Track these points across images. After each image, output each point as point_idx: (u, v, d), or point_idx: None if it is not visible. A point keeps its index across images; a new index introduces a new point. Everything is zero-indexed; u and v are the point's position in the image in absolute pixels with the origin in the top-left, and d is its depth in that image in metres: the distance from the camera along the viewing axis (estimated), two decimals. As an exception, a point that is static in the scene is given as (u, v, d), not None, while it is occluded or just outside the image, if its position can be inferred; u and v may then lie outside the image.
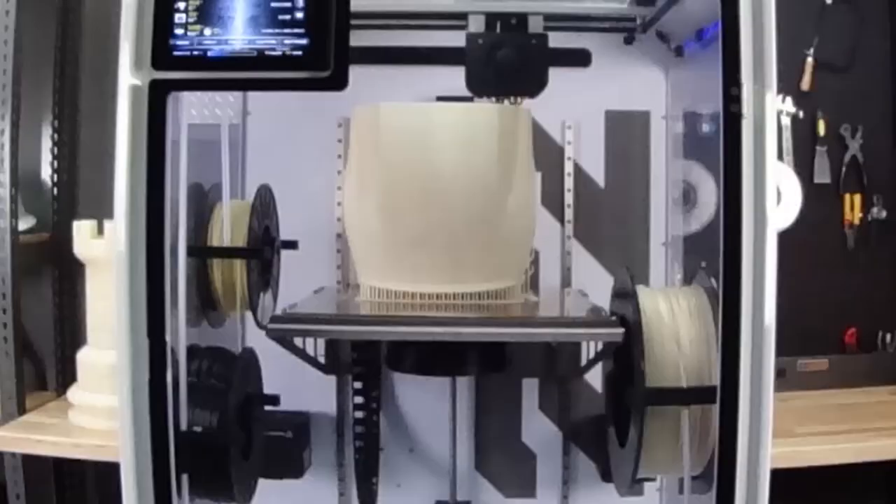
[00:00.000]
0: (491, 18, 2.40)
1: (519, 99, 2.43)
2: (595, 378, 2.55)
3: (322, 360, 2.44)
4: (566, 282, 2.69)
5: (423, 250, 2.26)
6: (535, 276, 2.51)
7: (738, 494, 1.89)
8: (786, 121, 3.15)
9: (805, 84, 3.19)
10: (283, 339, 2.18)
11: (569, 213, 2.71)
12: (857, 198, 3.22)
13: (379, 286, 2.31)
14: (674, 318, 2.12)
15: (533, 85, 2.39)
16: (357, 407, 2.66)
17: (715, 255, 1.94)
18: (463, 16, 2.46)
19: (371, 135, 2.29)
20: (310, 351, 2.35)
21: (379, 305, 2.29)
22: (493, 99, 2.43)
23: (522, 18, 2.39)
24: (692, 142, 2.55)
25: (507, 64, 2.34)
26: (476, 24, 2.39)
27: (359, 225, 2.32)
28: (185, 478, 2.00)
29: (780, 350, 1.91)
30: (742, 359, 1.88)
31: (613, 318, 2.11)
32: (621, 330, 2.05)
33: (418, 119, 2.29)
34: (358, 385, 2.61)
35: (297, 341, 2.26)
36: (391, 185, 2.25)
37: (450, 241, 2.25)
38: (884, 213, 3.21)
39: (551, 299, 2.52)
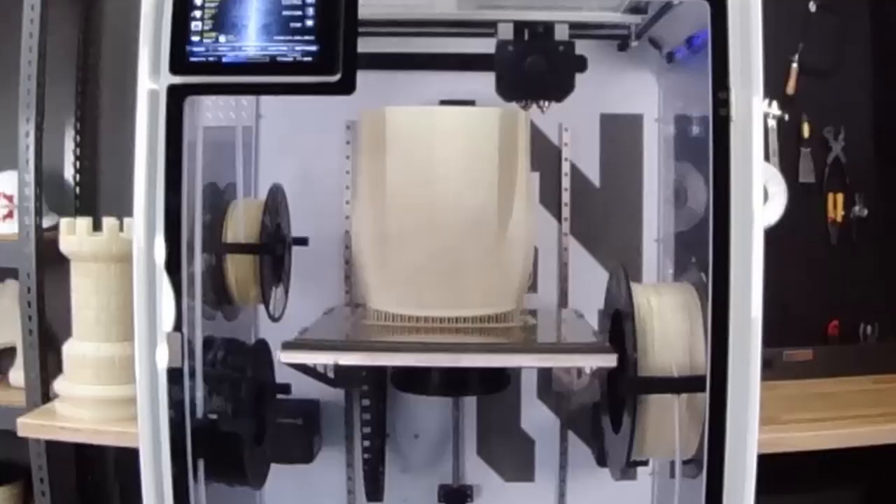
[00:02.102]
0: (519, 27, 2.36)
1: (546, 103, 2.40)
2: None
3: (331, 374, 2.45)
4: (563, 277, 2.69)
5: (427, 275, 2.27)
6: (534, 273, 2.50)
7: (726, 478, 1.90)
8: (772, 123, 3.15)
9: (790, 88, 3.19)
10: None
11: (565, 212, 2.71)
12: (840, 197, 3.22)
13: (385, 310, 2.31)
14: (665, 312, 2.12)
15: (561, 90, 2.34)
16: (365, 423, 2.65)
17: (704, 252, 1.94)
18: (464, 24, 2.46)
19: (377, 136, 2.29)
20: (319, 368, 2.36)
21: (385, 329, 2.30)
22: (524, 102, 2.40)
23: (549, 27, 2.37)
24: (683, 143, 2.54)
25: (536, 70, 2.32)
26: (505, 32, 2.34)
27: (366, 251, 2.32)
28: (201, 463, 2.00)
29: (767, 341, 1.92)
30: (731, 349, 1.89)
31: (607, 344, 2.11)
32: (615, 356, 2.06)
33: (422, 121, 2.29)
34: (366, 402, 2.61)
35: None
36: (396, 199, 2.25)
37: (453, 266, 2.26)
38: (865, 212, 3.21)
39: (549, 321, 2.52)
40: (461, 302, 2.28)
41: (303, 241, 2.55)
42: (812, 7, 3.19)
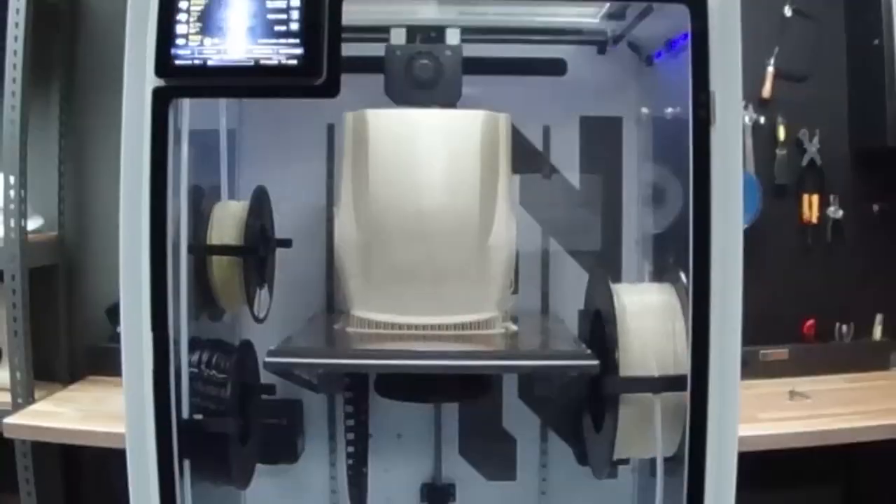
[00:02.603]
0: (412, 31, 2.41)
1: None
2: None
3: (315, 381, 2.43)
4: (543, 278, 2.69)
5: (409, 283, 2.27)
6: (515, 275, 2.49)
7: (708, 476, 1.90)
8: (748, 126, 3.16)
9: (766, 92, 3.20)
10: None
11: (546, 213, 2.70)
12: (815, 198, 3.23)
13: (368, 317, 2.31)
14: (644, 312, 2.12)
15: (449, 94, 2.38)
16: (349, 430, 2.63)
17: (682, 252, 1.94)
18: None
19: (360, 139, 2.28)
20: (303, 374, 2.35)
21: (368, 336, 2.30)
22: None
23: (441, 30, 2.39)
24: (661, 146, 2.54)
25: (425, 75, 2.34)
26: (397, 37, 2.40)
27: (349, 259, 2.31)
28: (187, 463, 1.99)
29: (743, 340, 1.92)
30: (711, 349, 1.89)
31: (588, 350, 2.11)
32: (596, 362, 2.06)
33: (405, 123, 2.29)
34: (349, 409, 2.60)
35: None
36: (379, 205, 2.24)
37: (435, 274, 2.26)
38: (840, 213, 3.22)
39: (530, 328, 2.51)
40: (444, 309, 2.28)
41: (286, 243, 2.53)
42: (787, 12, 3.21)
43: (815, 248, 3.24)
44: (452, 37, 2.38)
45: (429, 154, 2.27)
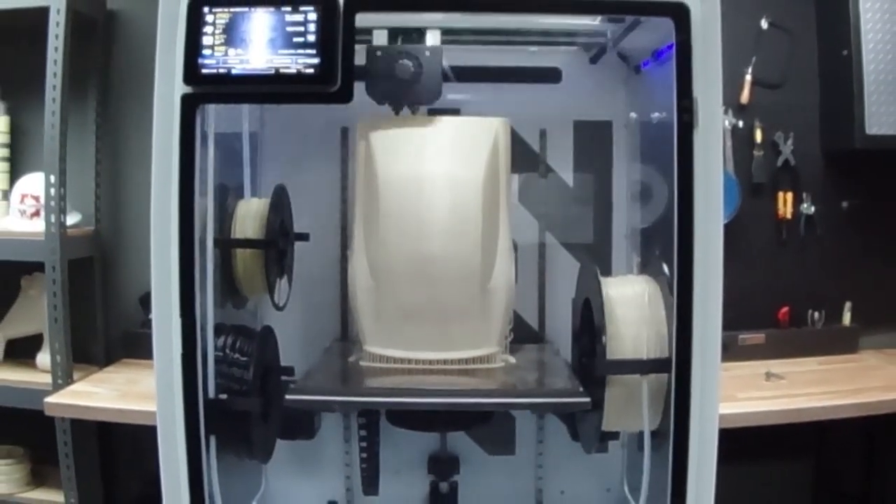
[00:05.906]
0: (392, 32, 2.33)
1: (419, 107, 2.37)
2: (565, 351, 2.55)
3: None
4: (541, 270, 2.68)
5: (417, 322, 2.28)
6: (515, 266, 2.48)
7: (691, 450, 1.90)
8: (727, 129, 3.15)
9: (744, 98, 3.19)
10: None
11: (542, 210, 2.70)
12: (789, 196, 3.23)
13: (379, 352, 2.32)
14: (630, 302, 2.12)
15: (428, 94, 2.30)
16: (362, 440, 2.63)
17: (667, 245, 1.95)
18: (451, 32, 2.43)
19: (370, 142, 2.28)
20: None
21: (379, 370, 2.31)
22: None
23: (422, 32, 2.33)
24: (648, 147, 2.54)
25: (405, 75, 2.26)
26: (379, 38, 2.31)
27: (363, 300, 2.32)
28: (212, 439, 2.00)
29: (723, 326, 1.93)
30: (694, 334, 1.89)
31: (581, 388, 2.12)
32: (587, 399, 2.06)
33: (411, 129, 2.29)
34: (363, 433, 2.59)
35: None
36: (388, 252, 2.25)
37: (440, 314, 2.27)
38: (812, 209, 3.22)
39: (528, 360, 2.49)
40: (449, 346, 2.29)
41: (304, 237, 2.53)
42: (764, 25, 3.20)
43: (790, 241, 3.24)
44: (432, 38, 2.32)
45: (435, 151, 2.27)
